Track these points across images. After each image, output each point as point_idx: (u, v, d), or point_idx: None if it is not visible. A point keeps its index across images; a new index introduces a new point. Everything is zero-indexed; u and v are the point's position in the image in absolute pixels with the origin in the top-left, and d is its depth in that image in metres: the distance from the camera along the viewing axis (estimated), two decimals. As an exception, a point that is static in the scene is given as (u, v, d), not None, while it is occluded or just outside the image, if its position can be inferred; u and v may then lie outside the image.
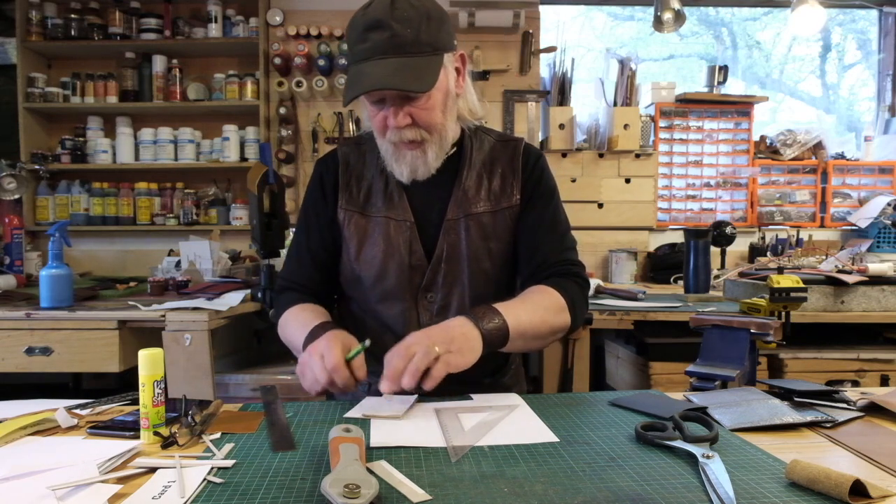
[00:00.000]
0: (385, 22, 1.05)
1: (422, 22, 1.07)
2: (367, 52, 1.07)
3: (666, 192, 3.21)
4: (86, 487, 0.69)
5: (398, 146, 1.14)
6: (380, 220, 1.21)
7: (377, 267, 1.21)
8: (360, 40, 1.07)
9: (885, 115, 3.37)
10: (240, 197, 3.08)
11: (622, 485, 0.70)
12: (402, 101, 1.10)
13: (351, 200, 1.24)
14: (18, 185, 2.81)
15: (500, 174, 1.25)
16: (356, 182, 1.25)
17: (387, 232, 1.21)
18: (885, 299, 2.01)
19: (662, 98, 3.19)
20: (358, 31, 1.08)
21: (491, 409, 0.98)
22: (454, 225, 1.21)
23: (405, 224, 1.21)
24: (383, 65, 1.05)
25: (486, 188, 1.23)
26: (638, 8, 3.62)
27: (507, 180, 1.25)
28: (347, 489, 0.62)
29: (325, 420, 0.94)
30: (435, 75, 1.09)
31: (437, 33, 1.09)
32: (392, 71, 1.05)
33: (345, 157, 1.27)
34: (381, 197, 1.22)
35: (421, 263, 1.21)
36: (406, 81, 1.05)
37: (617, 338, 2.36)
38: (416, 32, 1.06)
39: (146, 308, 1.98)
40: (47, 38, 2.99)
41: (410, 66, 1.06)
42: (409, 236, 1.20)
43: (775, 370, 1.99)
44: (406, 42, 1.06)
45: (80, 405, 1.00)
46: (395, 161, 1.16)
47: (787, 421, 0.90)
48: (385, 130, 1.14)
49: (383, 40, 1.05)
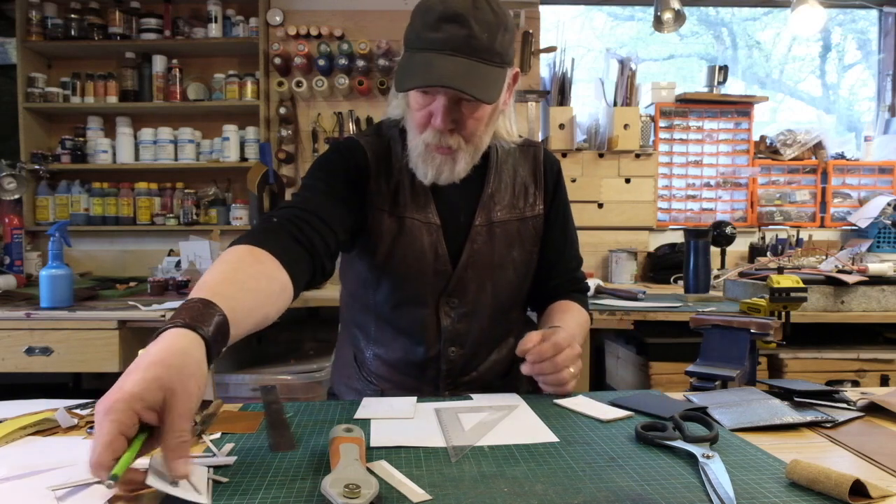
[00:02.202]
0: (465, 18, 1.00)
1: (499, 30, 1.04)
2: (439, 42, 1.01)
3: (666, 192, 3.21)
4: (86, 487, 0.69)
5: (430, 147, 1.10)
6: (408, 221, 1.16)
7: (403, 270, 1.16)
8: (432, 28, 1.01)
9: (885, 115, 3.37)
10: (240, 197, 3.08)
11: (622, 485, 0.70)
12: (455, 104, 1.06)
13: (380, 196, 1.16)
14: (18, 185, 2.81)
15: (523, 182, 1.24)
16: (385, 178, 1.17)
17: (415, 235, 1.16)
18: (885, 299, 2.01)
19: (662, 98, 3.19)
20: (433, 18, 1.01)
21: (491, 409, 0.98)
22: (480, 231, 1.18)
23: (432, 227, 1.17)
24: (454, 62, 1.01)
25: (510, 195, 1.22)
26: (638, 8, 3.62)
27: (531, 189, 1.25)
28: (347, 489, 0.62)
29: (325, 420, 0.94)
30: (500, 88, 1.07)
31: (508, 46, 1.07)
32: (463, 72, 1.01)
33: (371, 149, 1.18)
34: (409, 196, 1.17)
35: (445, 268, 1.17)
36: (476, 88, 1.01)
37: (617, 338, 2.36)
38: (492, 39, 1.03)
39: (146, 308, 1.99)
40: (47, 38, 2.99)
41: (481, 73, 1.02)
42: (434, 240, 1.17)
43: (775, 370, 1.99)
44: (482, 47, 1.02)
45: (80, 405, 1.00)
46: (422, 161, 1.11)
47: (787, 421, 0.90)
48: (424, 128, 1.09)
49: (460, 37, 1.01)
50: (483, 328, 1.22)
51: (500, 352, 1.27)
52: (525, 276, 1.26)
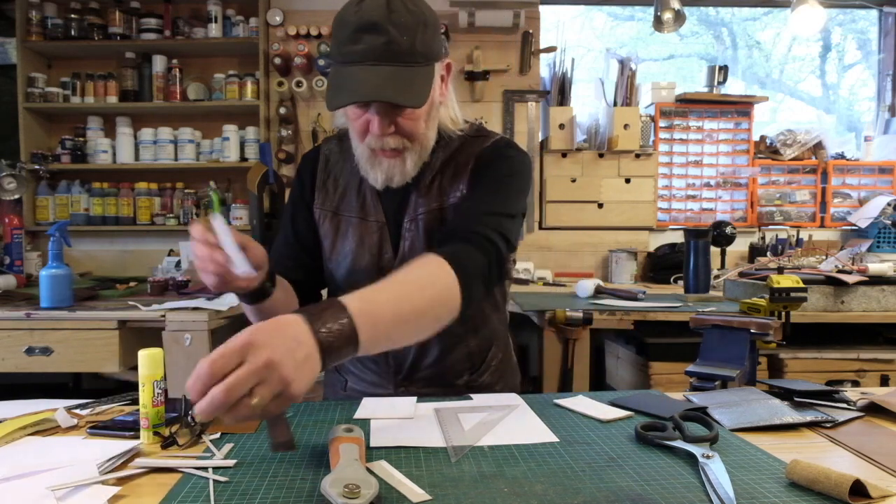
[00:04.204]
0: (381, 25, 0.99)
1: (418, 29, 1.02)
2: (358, 55, 1.01)
3: (666, 192, 3.21)
4: (86, 488, 0.69)
5: (376, 153, 1.11)
6: (353, 220, 1.21)
7: (348, 266, 1.20)
8: (350, 41, 1.02)
9: (885, 115, 3.37)
10: (240, 197, 3.08)
11: (622, 485, 0.70)
12: (388, 109, 1.06)
13: (326, 200, 1.23)
14: (18, 185, 2.81)
15: (454, 168, 1.19)
16: (333, 182, 1.24)
17: (359, 232, 1.20)
18: (885, 299, 2.01)
19: (662, 98, 3.19)
20: (349, 30, 1.02)
21: (491, 409, 0.98)
22: (413, 223, 1.19)
23: (376, 225, 1.20)
24: (376, 72, 1.00)
25: (438, 182, 1.18)
26: (638, 8, 3.62)
27: (460, 172, 1.19)
28: (347, 489, 0.62)
29: (325, 420, 0.94)
30: (428, 88, 1.06)
31: (431, 42, 1.06)
32: (386, 80, 1.00)
33: (326, 156, 1.26)
34: (356, 197, 1.21)
35: (390, 264, 1.19)
36: (401, 94, 1.01)
37: (617, 338, 2.36)
38: (412, 41, 1.02)
39: (146, 308, 1.98)
40: (47, 38, 2.99)
41: (405, 78, 1.02)
42: (379, 237, 1.19)
43: (775, 370, 1.99)
44: (402, 51, 1.01)
45: (80, 405, 1.00)
46: (371, 167, 1.13)
47: (787, 421, 0.90)
48: (365, 135, 1.10)
49: (378, 45, 1.00)
50: None
51: (456, 346, 1.23)
52: None
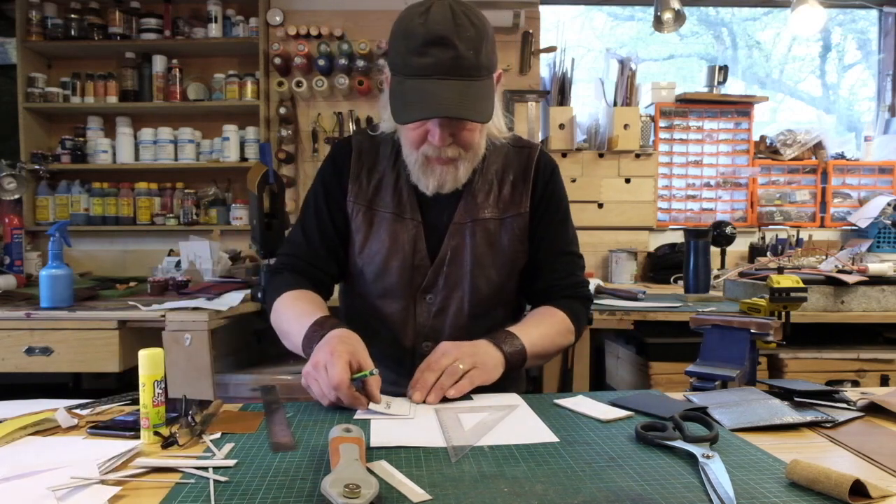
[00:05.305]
0: (450, 40, 1.01)
1: (482, 43, 1.04)
2: (428, 68, 1.03)
3: (666, 192, 3.21)
4: (86, 488, 0.69)
5: (430, 160, 1.13)
6: (387, 215, 1.21)
7: (379, 263, 1.21)
8: (418, 53, 1.03)
9: (885, 115, 3.37)
10: (240, 197, 3.08)
11: (622, 485, 0.70)
12: (450, 122, 1.07)
13: (360, 193, 1.23)
14: (18, 185, 2.81)
15: (510, 182, 1.24)
16: (367, 174, 1.24)
17: (392, 229, 1.20)
18: (885, 299, 2.01)
19: (662, 98, 3.19)
20: (417, 43, 1.03)
21: (491, 409, 0.98)
22: (460, 229, 1.20)
23: (412, 223, 1.20)
24: (447, 87, 1.02)
25: (495, 195, 1.23)
26: (638, 8, 3.62)
27: (518, 188, 1.24)
28: (347, 489, 0.62)
29: (325, 420, 0.94)
30: (492, 101, 1.09)
31: (491, 55, 1.08)
32: (457, 96, 1.02)
33: (359, 147, 1.25)
34: (391, 193, 1.22)
35: (423, 264, 1.21)
36: (472, 110, 1.04)
37: (617, 338, 2.36)
38: (478, 55, 1.04)
39: (146, 308, 1.98)
40: (47, 38, 2.99)
41: (473, 93, 1.04)
42: (414, 235, 1.20)
43: (775, 370, 1.99)
44: (469, 65, 1.03)
45: (80, 405, 1.00)
46: (423, 173, 1.15)
47: (787, 421, 0.90)
48: (420, 144, 1.11)
49: (447, 60, 1.02)
50: (460, 325, 1.23)
51: None
52: (509, 276, 1.26)
